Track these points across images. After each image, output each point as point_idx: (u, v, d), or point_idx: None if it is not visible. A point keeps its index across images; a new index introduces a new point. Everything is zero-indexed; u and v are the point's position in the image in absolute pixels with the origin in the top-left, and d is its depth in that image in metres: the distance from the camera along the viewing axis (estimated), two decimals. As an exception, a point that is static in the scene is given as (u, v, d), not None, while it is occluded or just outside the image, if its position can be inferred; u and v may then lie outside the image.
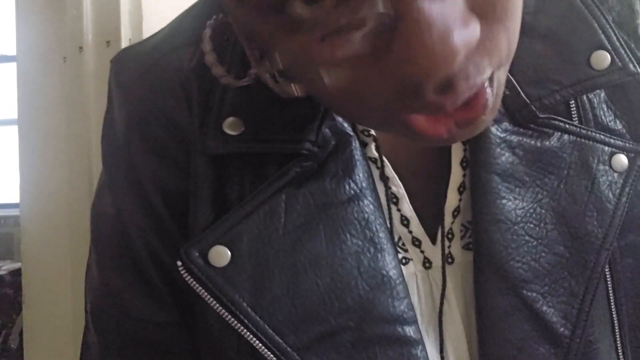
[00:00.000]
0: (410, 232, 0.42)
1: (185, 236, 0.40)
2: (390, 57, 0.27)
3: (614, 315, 0.41)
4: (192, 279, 0.37)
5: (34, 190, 1.15)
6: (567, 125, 0.41)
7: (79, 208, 1.06)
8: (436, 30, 0.25)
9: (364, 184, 0.39)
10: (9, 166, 2.00)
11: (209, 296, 0.37)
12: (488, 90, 0.30)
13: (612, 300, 0.41)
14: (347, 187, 0.39)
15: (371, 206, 0.39)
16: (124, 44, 1.04)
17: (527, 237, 0.39)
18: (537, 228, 0.40)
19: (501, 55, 0.29)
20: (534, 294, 0.39)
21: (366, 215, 0.38)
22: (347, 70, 0.28)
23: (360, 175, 0.39)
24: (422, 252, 0.42)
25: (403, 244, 0.42)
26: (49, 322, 1.14)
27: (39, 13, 1.13)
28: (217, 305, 0.37)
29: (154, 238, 0.41)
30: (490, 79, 0.30)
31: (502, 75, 0.31)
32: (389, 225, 0.41)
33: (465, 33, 0.26)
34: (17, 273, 1.49)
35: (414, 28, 0.25)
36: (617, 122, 0.42)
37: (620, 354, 0.42)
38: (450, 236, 0.42)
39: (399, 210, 0.42)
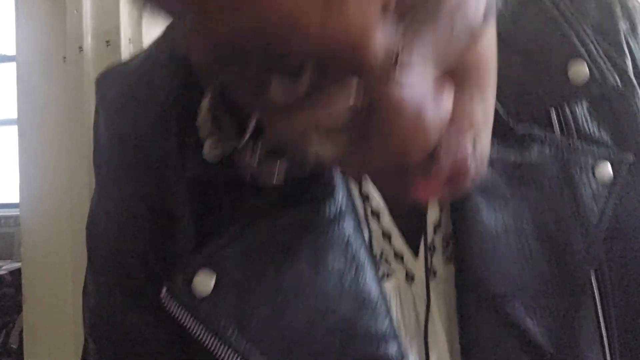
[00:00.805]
0: (392, 246, 0.41)
1: (176, 254, 0.40)
2: (370, 137, 0.27)
3: (603, 330, 0.40)
4: (178, 309, 0.37)
5: (34, 190, 1.15)
6: (547, 137, 0.40)
7: (79, 208, 1.06)
8: (408, 113, 0.26)
9: (343, 205, 0.39)
10: (9, 166, 2.00)
11: (194, 326, 0.37)
12: (471, 156, 0.30)
13: (600, 314, 0.40)
14: (327, 209, 0.38)
15: (351, 227, 0.39)
16: (124, 43, 1.04)
17: (508, 253, 0.39)
18: (519, 243, 0.39)
19: (479, 122, 0.30)
20: (517, 310, 0.39)
21: (346, 236, 0.38)
22: (333, 144, 0.28)
23: (340, 196, 0.39)
24: (404, 266, 0.41)
25: (385, 259, 0.41)
26: (49, 322, 1.14)
27: (38, 13, 1.13)
28: (204, 333, 0.37)
29: (148, 255, 0.41)
30: (473, 145, 0.30)
31: (484, 141, 0.31)
32: (368, 242, 0.41)
33: (437, 108, 0.26)
34: (17, 273, 1.49)
35: (387, 114, 0.26)
36: (602, 131, 0.41)
37: None
38: (432, 250, 0.41)
39: (379, 225, 0.41)
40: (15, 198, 1.36)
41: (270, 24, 0.23)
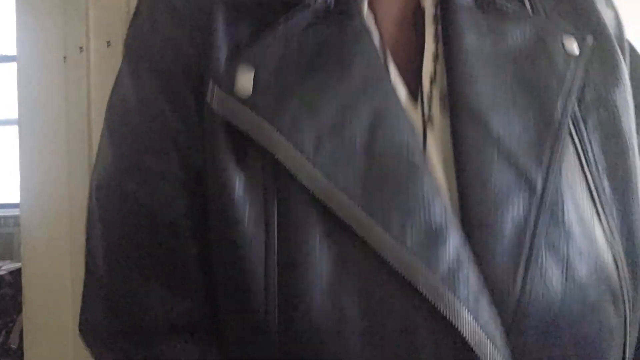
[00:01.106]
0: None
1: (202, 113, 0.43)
2: None
3: (590, 182, 0.44)
4: (224, 100, 0.41)
5: (34, 190, 1.15)
6: (523, 11, 0.48)
7: (79, 208, 1.06)
8: None
9: (363, 29, 0.44)
10: (9, 166, 2.00)
11: (237, 119, 0.41)
12: None
13: (584, 163, 0.45)
14: (349, 29, 0.43)
15: (370, 46, 0.43)
16: (124, 44, 1.04)
17: (498, 100, 0.43)
18: (508, 94, 0.44)
19: None
20: (508, 144, 0.42)
21: (366, 53, 0.43)
22: None
23: (359, 21, 0.44)
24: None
25: None
26: (49, 322, 1.14)
27: (39, 13, 1.13)
28: (247, 126, 0.40)
29: (173, 116, 0.44)
30: None
31: None
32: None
33: None
34: (17, 273, 1.49)
35: None
36: (563, 18, 0.49)
37: (600, 217, 0.44)
38: (429, 99, 0.45)
39: None
40: (15, 198, 1.36)
41: None
